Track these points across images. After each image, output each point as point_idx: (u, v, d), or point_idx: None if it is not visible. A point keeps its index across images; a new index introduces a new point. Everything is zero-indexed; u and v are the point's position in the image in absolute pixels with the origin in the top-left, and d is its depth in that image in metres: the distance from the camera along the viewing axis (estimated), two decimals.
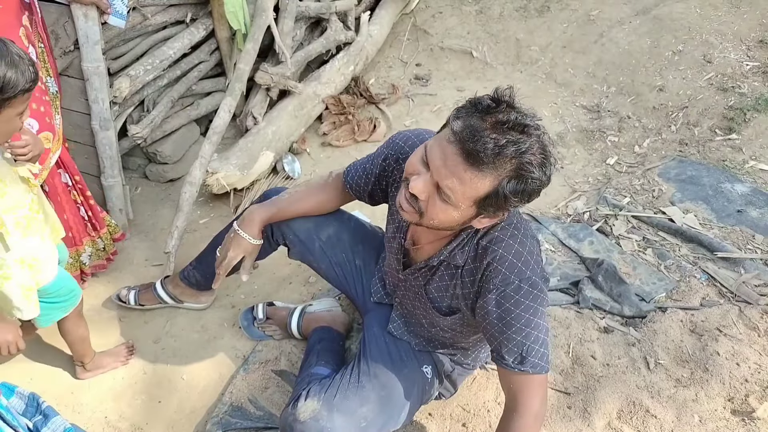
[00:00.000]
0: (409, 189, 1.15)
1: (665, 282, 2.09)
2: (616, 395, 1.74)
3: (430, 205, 1.16)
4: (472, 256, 1.29)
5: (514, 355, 1.27)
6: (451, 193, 1.10)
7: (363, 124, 2.88)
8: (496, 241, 1.25)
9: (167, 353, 1.93)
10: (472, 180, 1.08)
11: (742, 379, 1.76)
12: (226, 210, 2.49)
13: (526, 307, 1.24)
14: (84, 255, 2.03)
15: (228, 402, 1.77)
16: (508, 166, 1.07)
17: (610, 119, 2.92)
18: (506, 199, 1.10)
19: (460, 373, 1.64)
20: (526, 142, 1.06)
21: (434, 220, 1.18)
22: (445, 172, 1.09)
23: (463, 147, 1.06)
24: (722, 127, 2.76)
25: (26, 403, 1.21)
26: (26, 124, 1.69)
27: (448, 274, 1.36)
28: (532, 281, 1.24)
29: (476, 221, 1.19)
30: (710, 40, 3.14)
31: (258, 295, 2.12)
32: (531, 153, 1.07)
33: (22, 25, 1.66)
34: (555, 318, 1.97)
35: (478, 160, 1.05)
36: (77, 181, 1.97)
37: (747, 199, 2.39)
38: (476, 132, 1.05)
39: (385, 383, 1.49)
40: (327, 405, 1.41)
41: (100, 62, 2.06)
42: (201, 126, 2.80)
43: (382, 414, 1.46)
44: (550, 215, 2.42)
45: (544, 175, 1.11)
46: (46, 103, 1.76)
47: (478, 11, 3.61)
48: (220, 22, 2.54)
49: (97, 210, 2.06)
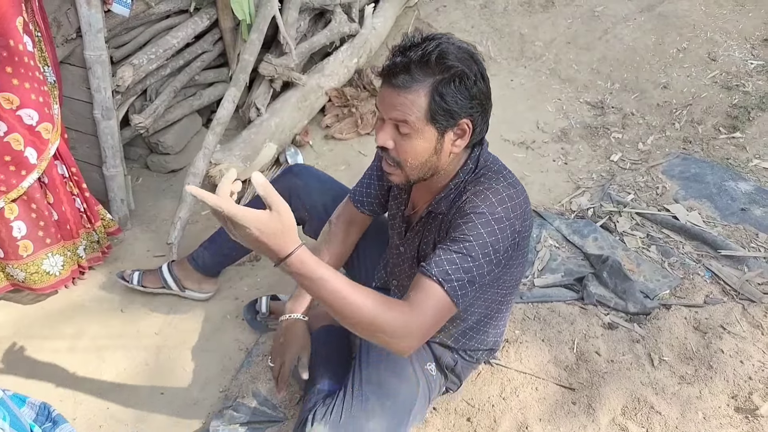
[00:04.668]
0: (377, 144, 1.26)
1: (669, 279, 2.09)
2: (620, 391, 1.74)
3: (399, 149, 1.24)
4: (453, 199, 1.34)
5: (436, 261, 1.20)
6: (403, 123, 1.20)
7: (366, 117, 2.87)
8: (478, 184, 1.30)
9: (170, 345, 1.92)
10: (409, 100, 1.18)
11: (746, 377, 1.76)
12: None
13: (477, 236, 1.22)
14: (80, 248, 2.01)
15: (231, 396, 1.76)
16: (428, 72, 1.18)
17: (614, 116, 2.91)
18: (447, 102, 1.19)
19: (463, 366, 1.63)
20: (429, 45, 1.18)
21: (409, 161, 1.25)
22: (388, 107, 1.21)
23: (388, 81, 1.21)
24: (726, 125, 2.76)
25: (36, 412, 1.20)
26: (26, 114, 1.68)
27: (434, 225, 1.38)
28: (498, 217, 1.24)
29: (448, 145, 1.25)
30: (715, 38, 3.14)
31: (261, 287, 2.11)
32: (439, 50, 1.17)
33: (21, 15, 1.64)
34: (559, 314, 1.97)
35: (401, 81, 1.18)
36: (74, 172, 1.95)
37: (751, 197, 2.39)
38: (391, 64, 1.21)
39: (388, 391, 1.45)
40: (335, 427, 1.37)
41: (102, 51, 2.03)
42: (203, 116, 2.78)
43: (392, 422, 1.43)
44: (554, 211, 2.41)
45: (468, 65, 1.19)
46: (45, 94, 1.74)
47: (482, 5, 3.59)
48: (224, 11, 2.51)
49: (92, 202, 2.04)
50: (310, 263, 1.05)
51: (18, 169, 1.73)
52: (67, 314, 2.01)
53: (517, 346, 1.87)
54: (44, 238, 1.88)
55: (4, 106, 1.63)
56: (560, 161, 2.68)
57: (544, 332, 1.91)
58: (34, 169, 1.76)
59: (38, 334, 1.94)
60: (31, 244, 1.86)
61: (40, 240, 1.87)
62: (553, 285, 2.09)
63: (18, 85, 1.65)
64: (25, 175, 1.75)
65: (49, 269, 1.92)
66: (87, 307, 2.04)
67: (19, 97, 1.65)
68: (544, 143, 2.78)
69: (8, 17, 1.58)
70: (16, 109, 1.66)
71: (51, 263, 1.92)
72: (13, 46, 1.61)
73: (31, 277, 1.90)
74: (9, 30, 1.59)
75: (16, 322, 1.98)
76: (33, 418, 1.19)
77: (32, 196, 1.80)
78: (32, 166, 1.75)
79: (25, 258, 1.86)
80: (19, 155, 1.71)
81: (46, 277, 1.93)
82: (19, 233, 1.82)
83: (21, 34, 1.64)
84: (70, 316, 2.01)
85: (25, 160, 1.73)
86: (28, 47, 1.67)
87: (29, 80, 1.67)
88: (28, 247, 1.86)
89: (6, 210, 1.77)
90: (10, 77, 1.63)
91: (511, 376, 1.79)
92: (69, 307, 2.04)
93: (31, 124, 1.71)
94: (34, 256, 1.88)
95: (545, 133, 2.86)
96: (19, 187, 1.75)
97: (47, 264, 1.91)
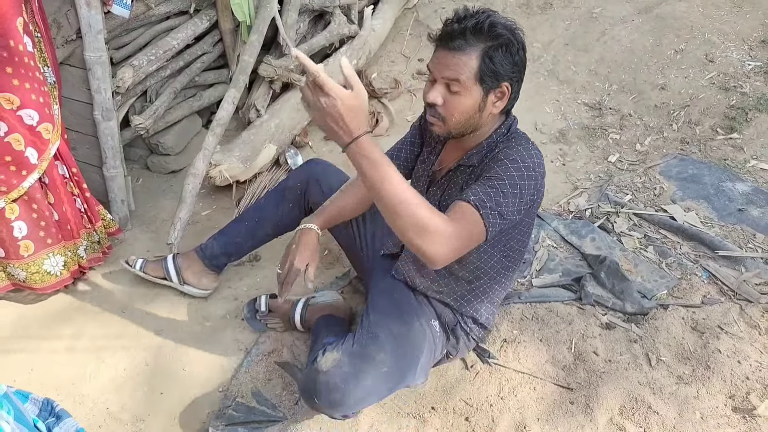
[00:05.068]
0: (426, 100, 1.40)
1: (667, 279, 2.10)
2: (618, 391, 1.74)
3: (447, 105, 1.39)
4: (485, 154, 1.48)
5: (473, 191, 1.35)
6: (455, 81, 1.35)
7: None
8: (509, 145, 1.45)
9: (169, 345, 1.92)
10: (462, 61, 1.34)
11: (743, 377, 1.77)
12: (229, 202, 2.48)
13: (509, 176, 1.36)
14: (81, 248, 2.02)
15: (231, 395, 1.77)
16: (481, 38, 1.34)
17: (611, 117, 2.93)
18: (495, 64, 1.35)
19: (460, 333, 1.69)
20: (481, 16, 1.35)
21: (455, 116, 1.40)
22: (442, 67, 1.37)
23: (445, 44, 1.37)
24: (724, 126, 2.77)
25: (40, 407, 1.21)
26: (26, 114, 1.69)
27: (462, 177, 1.53)
28: (528, 165, 1.39)
29: (490, 105, 1.41)
30: (712, 40, 3.15)
31: (260, 287, 2.12)
32: (490, 20, 1.34)
33: (21, 15, 1.64)
34: (557, 314, 1.98)
35: (457, 45, 1.34)
36: (74, 173, 1.96)
37: (748, 198, 2.40)
38: (446, 29, 1.37)
39: (396, 335, 1.57)
40: (347, 353, 1.50)
41: (102, 52, 2.04)
42: (203, 117, 2.79)
43: (399, 363, 1.54)
44: (552, 211, 2.42)
45: (514, 37, 1.37)
46: (45, 94, 1.75)
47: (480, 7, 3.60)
48: (224, 13, 2.52)
49: (93, 203, 2.05)
50: (376, 147, 1.16)
51: (19, 169, 1.73)
52: (66, 314, 2.02)
53: (515, 346, 1.87)
54: (45, 239, 1.89)
55: (4, 107, 1.64)
56: (558, 162, 2.69)
57: (542, 332, 1.92)
58: (35, 170, 1.77)
59: (37, 335, 1.95)
60: (32, 244, 1.87)
61: (41, 240, 1.88)
62: (551, 285, 2.10)
63: (18, 86, 1.65)
64: (25, 176, 1.75)
65: (50, 269, 1.93)
66: (86, 307, 2.05)
67: (19, 97, 1.66)
68: (542, 144, 2.79)
69: (8, 17, 1.59)
70: (16, 110, 1.67)
71: (52, 263, 1.93)
72: (13, 47, 1.61)
73: (32, 276, 1.90)
74: (9, 30, 1.60)
75: (15, 322, 1.99)
76: (36, 413, 1.20)
77: (33, 196, 1.81)
78: (33, 167, 1.76)
79: (26, 258, 1.87)
80: (19, 155, 1.71)
81: (47, 277, 1.93)
82: (20, 233, 1.83)
83: (21, 34, 1.64)
84: (70, 316, 2.01)
85: (25, 161, 1.73)
86: (28, 48, 1.67)
87: (29, 80, 1.68)
88: (29, 247, 1.86)
89: (7, 210, 1.78)
90: (10, 78, 1.63)
91: (509, 375, 1.80)
92: (68, 308, 2.04)
93: (32, 125, 1.71)
94: (35, 256, 1.88)
95: (543, 134, 2.87)
96: (20, 187, 1.76)
97: (48, 264, 1.92)
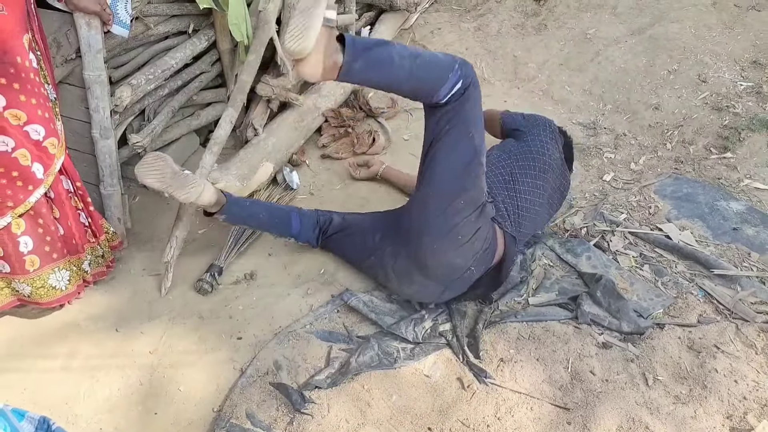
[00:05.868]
0: None
1: (663, 298, 2.10)
2: (615, 411, 1.74)
3: None
4: None
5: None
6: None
7: (362, 137, 2.89)
8: None
9: (164, 364, 1.91)
10: None
11: (741, 397, 1.77)
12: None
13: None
14: (85, 262, 2.02)
15: (225, 416, 1.75)
16: None
17: (606, 136, 2.95)
18: None
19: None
20: None
21: None
22: None
23: None
24: (717, 145, 2.80)
25: (36, 426, 1.20)
26: (33, 130, 1.70)
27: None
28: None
29: None
30: (705, 60, 3.19)
31: (256, 306, 2.11)
32: None
33: (27, 32, 1.67)
34: (554, 333, 1.97)
35: None
36: (78, 187, 1.97)
37: (742, 217, 2.42)
38: None
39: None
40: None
41: (101, 71, 2.05)
42: (201, 136, 2.80)
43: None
44: (548, 230, 2.43)
45: None
46: (49, 109, 1.77)
47: (476, 28, 3.66)
48: (222, 33, 2.55)
49: (97, 216, 2.05)
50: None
51: (25, 184, 1.74)
52: (61, 333, 2.00)
53: (512, 366, 1.87)
54: (51, 253, 1.89)
55: (11, 123, 1.65)
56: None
57: (538, 351, 1.92)
58: (41, 184, 1.78)
59: (31, 353, 1.93)
60: (38, 259, 1.87)
61: (46, 255, 1.89)
62: (547, 303, 2.10)
63: (25, 101, 1.67)
64: (32, 191, 1.76)
65: (56, 284, 1.93)
66: (81, 326, 2.03)
67: (26, 112, 1.67)
68: None
69: (15, 34, 1.61)
70: (23, 125, 1.68)
71: (57, 278, 1.93)
72: (20, 63, 1.64)
73: (38, 291, 1.91)
74: (16, 47, 1.62)
75: (9, 341, 1.97)
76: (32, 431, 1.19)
77: (39, 211, 1.81)
78: (39, 181, 1.77)
79: (32, 273, 1.87)
80: (26, 171, 1.72)
81: (52, 292, 1.93)
82: (26, 248, 1.84)
83: (27, 51, 1.67)
84: (64, 335, 2.00)
85: (32, 176, 1.74)
86: (33, 64, 1.70)
87: (35, 96, 1.70)
88: (35, 261, 1.87)
89: (13, 225, 1.79)
90: (17, 93, 1.65)
91: (506, 395, 1.79)
92: (63, 326, 2.03)
93: (38, 140, 1.73)
94: (41, 270, 1.89)
95: None
96: (27, 202, 1.77)
97: (53, 279, 1.92)
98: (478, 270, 1.96)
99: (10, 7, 1.59)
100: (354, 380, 1.83)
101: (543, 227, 2.33)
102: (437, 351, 1.94)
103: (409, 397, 1.80)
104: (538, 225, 2.25)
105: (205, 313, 2.08)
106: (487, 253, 1.95)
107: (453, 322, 2.03)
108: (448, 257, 1.88)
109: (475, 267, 1.94)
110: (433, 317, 2.05)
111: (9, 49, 1.60)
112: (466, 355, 1.91)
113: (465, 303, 2.09)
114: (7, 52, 1.59)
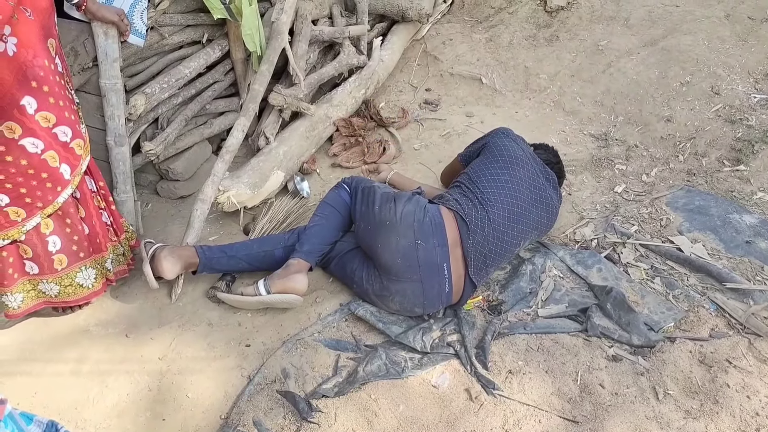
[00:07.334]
0: None
1: (674, 311, 2.08)
2: (624, 425, 1.72)
3: None
4: None
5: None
6: None
7: (373, 147, 2.91)
8: None
9: (173, 371, 1.92)
10: None
11: (753, 413, 1.74)
12: (236, 228, 2.50)
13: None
14: (108, 261, 2.05)
15: (232, 424, 1.76)
16: None
17: (617, 148, 2.94)
18: None
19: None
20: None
21: None
22: None
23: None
24: (730, 158, 2.78)
25: (43, 430, 1.21)
26: (61, 132, 1.74)
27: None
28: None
29: None
30: (718, 72, 3.17)
31: (265, 314, 2.11)
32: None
33: (52, 37, 1.71)
34: (563, 345, 1.96)
35: None
36: (101, 186, 2.01)
37: (755, 230, 2.39)
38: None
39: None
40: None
41: (117, 79, 2.09)
42: (213, 144, 2.83)
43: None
44: (558, 241, 2.42)
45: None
46: (74, 112, 1.82)
47: (487, 39, 3.67)
48: (235, 43, 2.58)
49: (117, 215, 2.10)
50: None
51: (54, 185, 1.78)
52: (71, 338, 2.02)
53: (521, 377, 1.86)
54: (78, 252, 1.93)
55: (42, 125, 1.69)
56: (564, 192, 2.70)
57: (547, 363, 1.90)
58: (69, 185, 1.82)
59: (42, 358, 1.95)
60: (66, 258, 1.91)
61: (74, 254, 1.92)
62: (557, 315, 2.08)
63: (54, 103, 1.71)
64: (60, 191, 1.80)
65: (83, 282, 1.97)
66: (91, 331, 2.05)
67: (55, 114, 1.71)
68: None
69: (41, 38, 1.66)
70: (52, 127, 1.72)
71: (84, 276, 1.97)
72: (47, 66, 1.68)
73: (65, 290, 1.94)
74: (43, 50, 1.66)
75: (21, 345, 2.00)
76: None
77: (66, 210, 1.85)
78: (66, 182, 1.80)
79: (60, 271, 1.91)
80: (54, 171, 1.76)
81: (80, 290, 1.98)
82: (54, 247, 1.87)
83: (53, 55, 1.71)
84: (75, 340, 2.02)
85: (60, 176, 1.78)
86: (59, 68, 1.74)
87: (63, 98, 1.74)
88: (63, 260, 1.90)
89: (42, 225, 1.82)
90: (47, 96, 1.69)
91: (514, 407, 1.78)
92: (73, 331, 2.05)
93: (66, 141, 1.76)
94: (69, 269, 1.93)
95: None
96: (55, 203, 1.81)
97: (81, 277, 1.96)
98: (427, 241, 1.98)
99: (37, 11, 1.63)
100: (361, 389, 1.82)
101: (520, 219, 2.14)
102: (445, 361, 1.94)
103: (416, 408, 1.80)
104: (506, 211, 2.11)
105: (215, 320, 2.09)
106: (429, 225, 2.00)
107: (461, 332, 2.02)
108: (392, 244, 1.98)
109: (422, 239, 1.98)
110: (441, 327, 2.04)
111: (37, 53, 1.64)
112: (474, 366, 1.90)
113: (473, 314, 2.08)
114: (37, 56, 1.64)
